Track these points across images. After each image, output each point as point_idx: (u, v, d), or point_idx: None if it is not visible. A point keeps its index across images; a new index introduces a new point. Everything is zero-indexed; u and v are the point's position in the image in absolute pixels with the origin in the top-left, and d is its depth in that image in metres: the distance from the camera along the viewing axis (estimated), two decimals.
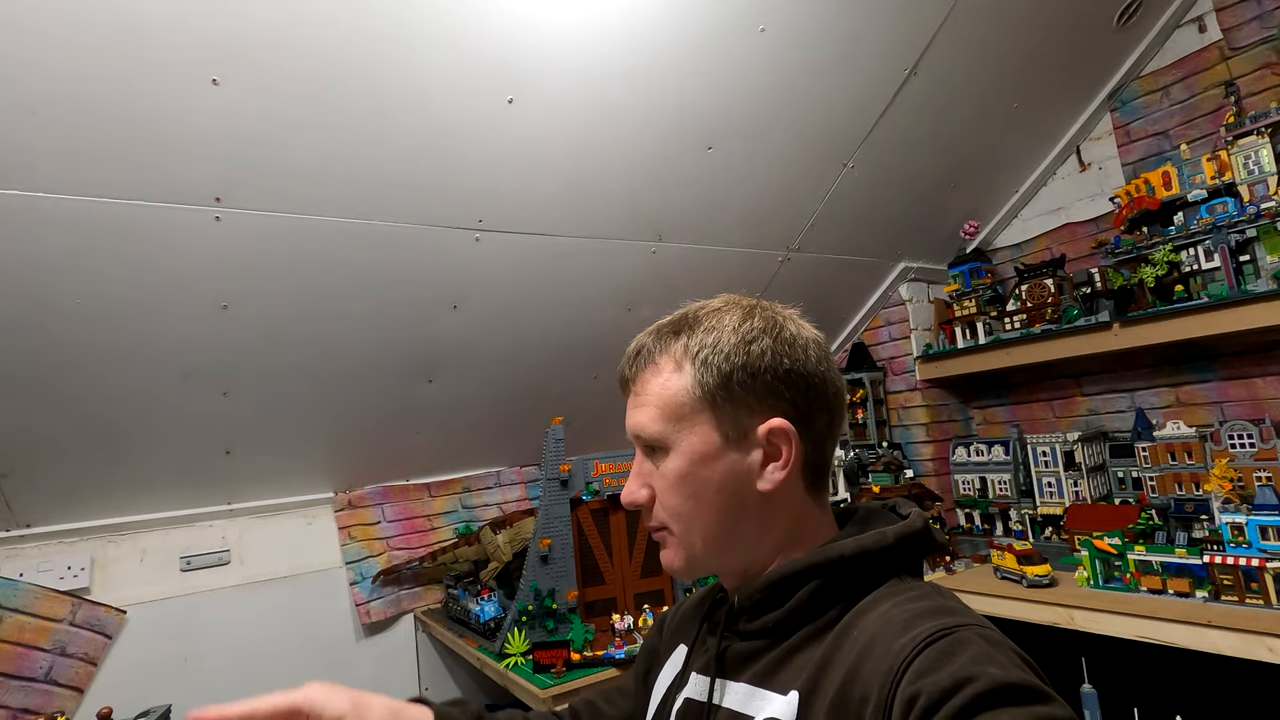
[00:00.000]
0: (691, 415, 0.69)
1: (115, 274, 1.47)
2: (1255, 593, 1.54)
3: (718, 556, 0.71)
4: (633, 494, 0.74)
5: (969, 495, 2.54)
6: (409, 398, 2.09)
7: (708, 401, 0.68)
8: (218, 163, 1.40)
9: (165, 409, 1.74)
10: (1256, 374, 2.03)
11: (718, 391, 0.68)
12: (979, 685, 0.49)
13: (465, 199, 1.70)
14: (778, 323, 0.72)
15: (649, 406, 0.71)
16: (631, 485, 0.74)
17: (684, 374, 0.70)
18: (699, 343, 0.70)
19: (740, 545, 0.70)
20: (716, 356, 0.69)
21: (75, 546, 1.88)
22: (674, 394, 0.69)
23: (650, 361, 0.72)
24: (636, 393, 0.73)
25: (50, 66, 1.18)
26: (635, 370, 0.74)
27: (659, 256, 2.09)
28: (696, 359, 0.69)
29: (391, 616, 2.27)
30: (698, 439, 0.69)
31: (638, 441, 0.73)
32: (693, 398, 0.69)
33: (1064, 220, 2.53)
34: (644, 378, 0.72)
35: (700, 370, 0.69)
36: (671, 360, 0.71)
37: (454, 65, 1.45)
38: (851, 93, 1.91)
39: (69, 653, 1.78)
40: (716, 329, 0.70)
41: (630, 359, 0.74)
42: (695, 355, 0.69)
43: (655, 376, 0.71)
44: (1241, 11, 2.06)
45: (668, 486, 0.70)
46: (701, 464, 0.68)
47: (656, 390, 0.71)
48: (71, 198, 1.33)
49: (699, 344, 0.70)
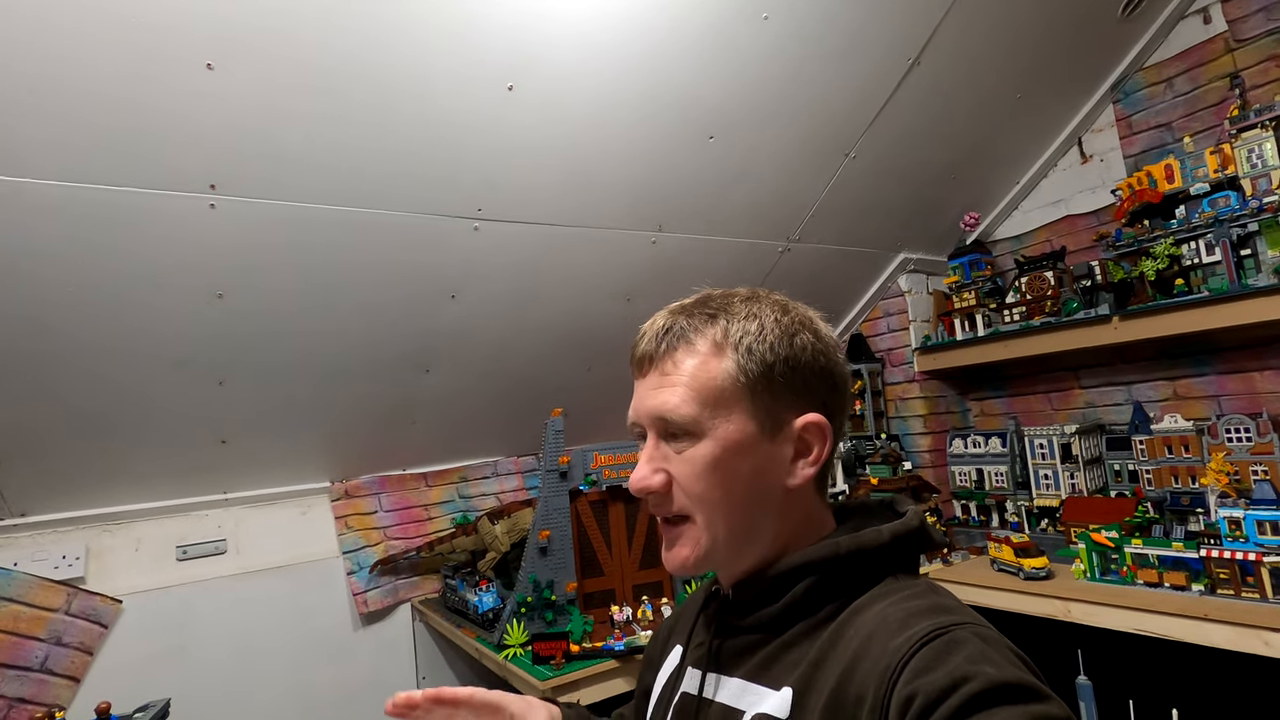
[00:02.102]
0: (729, 402, 0.66)
1: (108, 262, 1.44)
2: (1251, 586, 1.55)
3: (735, 551, 0.69)
4: (646, 479, 0.68)
5: (966, 487, 2.54)
6: (406, 387, 2.08)
7: (748, 390, 0.66)
8: (213, 149, 1.38)
9: (160, 398, 1.73)
10: (1254, 368, 2.04)
11: (760, 381, 0.66)
12: (975, 685, 0.49)
13: (464, 188, 1.68)
14: (812, 320, 0.72)
15: (681, 388, 0.67)
16: (643, 470, 0.69)
17: (725, 359, 0.67)
18: (741, 329, 0.68)
19: (757, 540, 0.69)
20: (761, 345, 0.67)
21: (70, 535, 1.86)
22: (713, 377, 0.66)
23: (685, 341, 0.68)
24: (664, 372, 0.68)
25: (41, 50, 1.15)
26: (665, 348, 0.69)
27: (659, 247, 2.08)
28: (740, 345, 0.67)
29: (388, 606, 2.27)
30: (734, 427, 0.66)
31: (658, 424, 0.68)
32: (735, 384, 0.66)
33: (1065, 212, 2.53)
34: (676, 357, 0.68)
35: (744, 357, 0.67)
36: (710, 342, 0.68)
37: (453, 51, 1.43)
38: (854, 82, 1.89)
39: (64, 642, 1.78)
40: (758, 317, 0.68)
41: (658, 335, 0.69)
42: (739, 342, 0.67)
43: (690, 357, 0.68)
44: (1247, 3, 2.04)
45: (695, 473, 0.66)
46: (735, 453, 0.66)
47: (692, 371, 0.67)
48: (63, 184, 1.30)
49: (741, 330, 0.68)
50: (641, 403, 0.70)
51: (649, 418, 0.69)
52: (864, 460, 2.53)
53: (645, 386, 0.70)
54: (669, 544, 0.70)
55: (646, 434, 0.70)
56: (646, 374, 0.70)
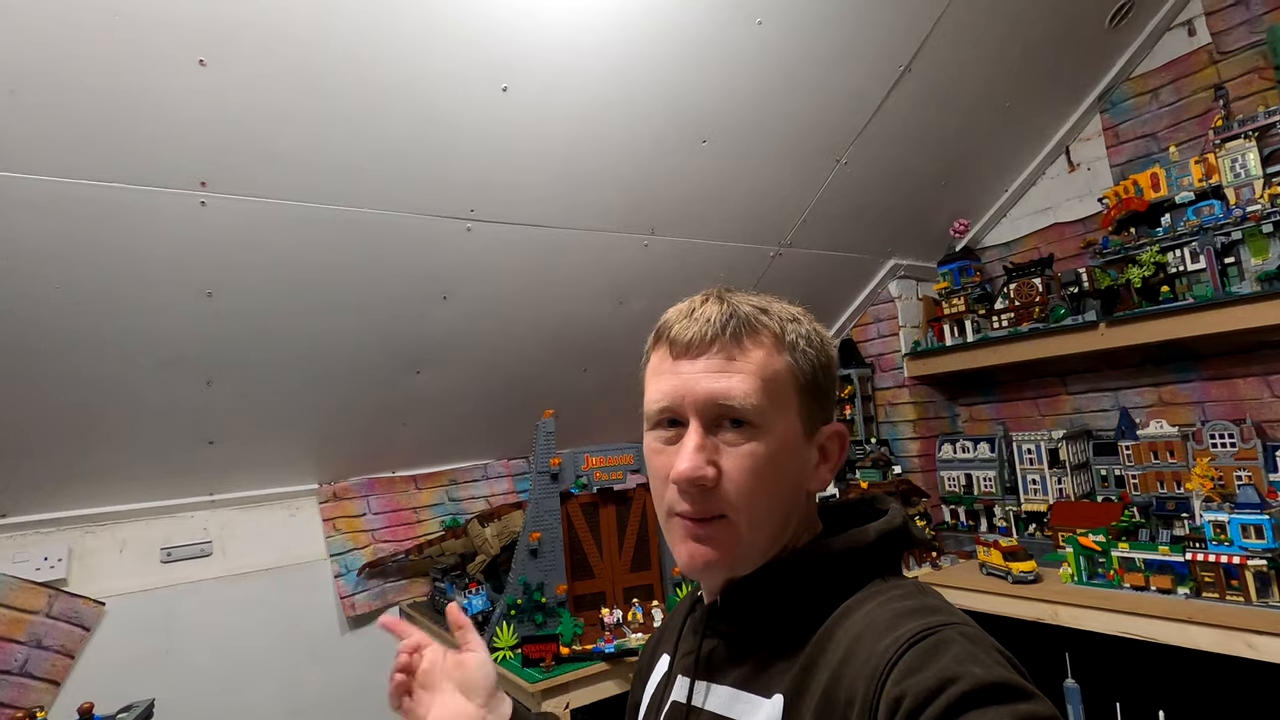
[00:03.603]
0: (788, 400, 0.66)
1: (96, 259, 1.43)
2: (1235, 590, 1.57)
3: (760, 554, 0.66)
4: (702, 469, 0.62)
5: (954, 491, 2.56)
6: (396, 389, 2.07)
7: (801, 390, 0.67)
8: (204, 146, 1.37)
9: (146, 398, 1.71)
10: (1238, 374, 2.06)
11: (809, 383, 0.67)
12: (963, 685, 0.49)
13: (457, 188, 1.68)
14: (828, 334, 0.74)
15: (751, 376, 0.64)
16: (696, 459, 0.62)
17: (785, 355, 0.66)
18: (794, 330, 0.68)
19: (776, 542, 0.67)
20: (811, 349, 0.68)
21: (52, 537, 1.83)
22: (778, 371, 0.65)
23: (751, 331, 0.66)
24: (730, 356, 0.65)
25: (29, 43, 1.14)
26: (733, 331, 0.65)
27: (652, 250, 2.08)
28: (796, 346, 0.67)
29: (376, 609, 2.25)
30: (788, 425, 0.66)
31: (714, 410, 0.64)
32: (794, 382, 0.66)
33: (1052, 220, 2.56)
34: (746, 344, 0.65)
35: (800, 358, 0.67)
36: (771, 335, 0.66)
37: (448, 50, 1.43)
38: (847, 88, 1.90)
39: (45, 645, 1.75)
40: (799, 321, 0.69)
41: (722, 320, 0.65)
42: (794, 342, 0.67)
43: (758, 348, 0.65)
44: (1230, 16, 2.08)
45: (751, 468, 0.63)
46: (786, 451, 0.65)
47: (762, 360, 0.65)
48: (50, 179, 1.29)
49: (795, 331, 0.67)
50: (695, 385, 0.64)
51: (705, 402, 0.64)
52: (854, 464, 2.54)
53: (697, 370, 0.65)
54: (697, 541, 0.65)
55: (682, 421, 0.65)
56: (699, 358, 0.65)
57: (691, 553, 0.65)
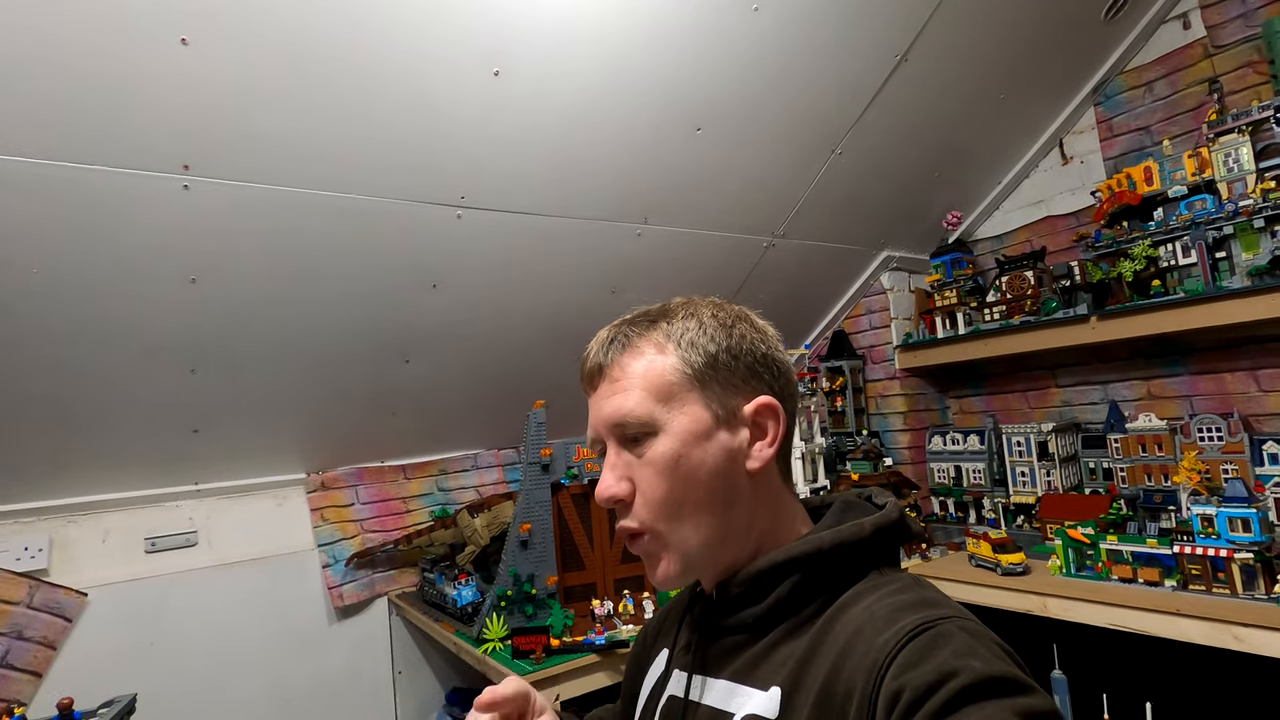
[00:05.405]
0: (680, 395, 0.68)
1: (76, 243, 1.39)
2: (1222, 582, 1.58)
3: (713, 551, 0.68)
4: (612, 487, 0.68)
5: (944, 483, 2.57)
6: (385, 378, 2.04)
7: (696, 381, 0.68)
8: (187, 128, 1.33)
9: (129, 385, 1.67)
10: (1226, 369, 2.08)
11: (705, 371, 0.68)
12: (962, 679, 0.49)
13: (447, 174, 1.65)
14: (748, 314, 0.75)
15: (633, 390, 0.68)
16: (608, 479, 0.69)
17: (668, 355, 0.69)
18: (680, 328, 0.70)
19: (731, 537, 0.68)
20: (701, 338, 0.69)
21: (33, 526, 1.80)
22: (660, 373, 0.68)
23: (628, 346, 0.70)
24: (614, 378, 0.70)
25: (5, 20, 1.10)
26: (611, 355, 0.70)
27: (644, 239, 2.06)
28: (681, 341, 0.69)
29: (365, 600, 2.23)
30: (688, 418, 0.67)
31: (616, 431, 0.69)
32: (682, 377, 0.68)
33: (1045, 213, 2.56)
34: (622, 361, 0.70)
35: (687, 350, 0.69)
36: (652, 344, 0.70)
37: (438, 34, 1.39)
38: (843, 77, 1.88)
39: (26, 636, 1.72)
40: (695, 315, 0.71)
41: (604, 346, 0.72)
42: (680, 339, 0.69)
43: (636, 359, 0.69)
44: (1225, 9, 2.07)
45: (657, 473, 0.66)
46: (694, 444, 0.67)
47: (640, 371, 0.69)
48: (27, 160, 1.25)
49: (680, 329, 0.70)
50: (598, 413, 0.71)
51: (607, 425, 0.70)
52: (845, 456, 2.55)
53: (599, 398, 0.71)
54: (648, 562, 0.70)
55: (608, 448, 0.71)
56: (598, 385, 0.71)
57: (650, 573, 0.70)
